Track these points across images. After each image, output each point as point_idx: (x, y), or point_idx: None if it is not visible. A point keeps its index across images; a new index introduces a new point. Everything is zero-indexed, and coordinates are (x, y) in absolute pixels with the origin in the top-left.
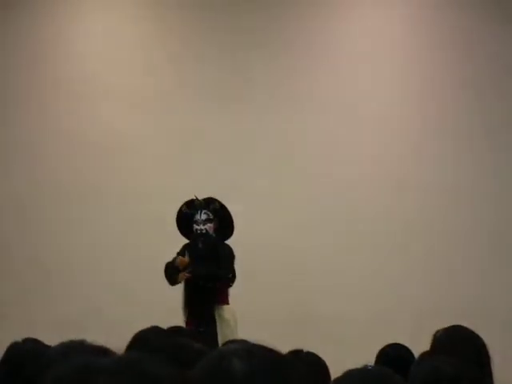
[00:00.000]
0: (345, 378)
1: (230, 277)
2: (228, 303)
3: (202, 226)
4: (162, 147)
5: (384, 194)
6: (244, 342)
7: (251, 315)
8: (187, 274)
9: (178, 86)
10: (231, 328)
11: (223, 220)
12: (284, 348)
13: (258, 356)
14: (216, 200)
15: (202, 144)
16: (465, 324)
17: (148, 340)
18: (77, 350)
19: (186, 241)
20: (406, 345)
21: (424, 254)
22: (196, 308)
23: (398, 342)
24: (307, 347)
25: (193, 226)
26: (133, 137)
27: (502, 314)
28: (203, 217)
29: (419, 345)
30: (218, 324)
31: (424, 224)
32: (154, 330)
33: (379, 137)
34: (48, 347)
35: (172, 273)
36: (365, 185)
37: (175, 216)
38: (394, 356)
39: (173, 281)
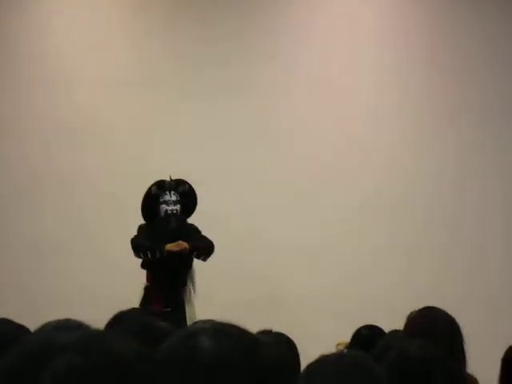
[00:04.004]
0: (319, 364)
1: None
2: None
3: (173, 207)
4: (138, 130)
5: (365, 175)
6: (213, 321)
7: (219, 297)
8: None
9: (155, 70)
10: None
11: (188, 201)
12: (253, 329)
13: (227, 334)
14: (186, 182)
15: (177, 127)
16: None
17: (122, 320)
18: (65, 328)
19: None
20: (382, 326)
21: (401, 233)
22: (166, 288)
23: (373, 322)
24: (277, 328)
25: (159, 207)
26: (109, 120)
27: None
28: (173, 198)
29: (395, 327)
30: (186, 305)
31: (406, 204)
32: (131, 311)
33: (360, 120)
34: (21, 327)
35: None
36: (344, 167)
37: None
38: (368, 337)
39: (157, 256)
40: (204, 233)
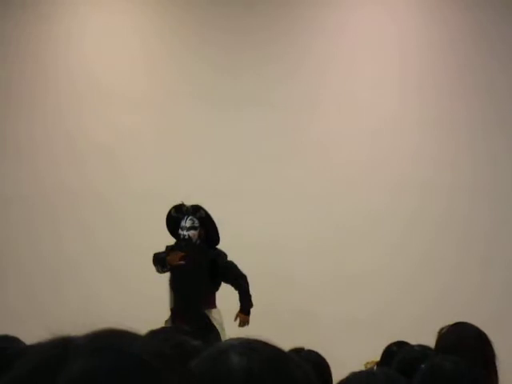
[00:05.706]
0: (350, 382)
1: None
2: (216, 307)
3: (185, 232)
4: (162, 147)
5: (382, 191)
6: (243, 338)
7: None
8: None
9: (177, 87)
10: (220, 332)
11: (209, 228)
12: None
13: (258, 351)
14: (201, 208)
15: (203, 144)
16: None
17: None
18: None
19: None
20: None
21: (423, 250)
22: (184, 312)
23: (402, 339)
24: (306, 341)
25: (177, 231)
26: (133, 137)
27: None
28: (188, 223)
29: (423, 342)
30: (214, 323)
31: (423, 219)
32: (162, 330)
33: (376, 135)
34: (21, 343)
35: (163, 262)
36: (361, 183)
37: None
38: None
39: (163, 268)
40: (230, 247)
